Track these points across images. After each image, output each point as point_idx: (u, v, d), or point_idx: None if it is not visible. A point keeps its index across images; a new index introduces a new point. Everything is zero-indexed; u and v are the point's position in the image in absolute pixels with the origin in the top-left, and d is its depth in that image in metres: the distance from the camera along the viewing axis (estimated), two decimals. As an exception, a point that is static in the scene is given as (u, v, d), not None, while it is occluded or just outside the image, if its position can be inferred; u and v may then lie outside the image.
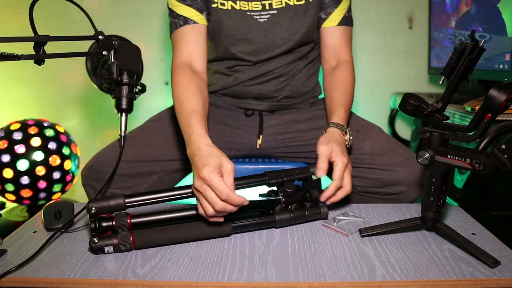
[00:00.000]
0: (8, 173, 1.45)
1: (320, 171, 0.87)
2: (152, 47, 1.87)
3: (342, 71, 1.14)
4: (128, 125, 0.92)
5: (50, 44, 0.74)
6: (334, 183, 0.87)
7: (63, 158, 1.53)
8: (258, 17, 1.09)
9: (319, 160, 0.88)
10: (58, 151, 1.52)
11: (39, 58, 0.74)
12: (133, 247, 0.75)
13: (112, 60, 0.87)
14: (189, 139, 0.87)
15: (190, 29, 1.07)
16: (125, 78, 0.89)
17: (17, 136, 1.48)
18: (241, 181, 0.83)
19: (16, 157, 1.45)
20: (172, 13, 1.09)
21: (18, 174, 1.45)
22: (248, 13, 1.08)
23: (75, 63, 1.85)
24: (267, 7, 1.09)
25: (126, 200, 0.76)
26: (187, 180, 1.22)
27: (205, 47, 1.10)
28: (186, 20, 1.07)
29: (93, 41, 0.87)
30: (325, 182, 0.93)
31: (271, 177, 0.85)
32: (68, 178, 1.57)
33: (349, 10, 1.17)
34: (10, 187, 1.46)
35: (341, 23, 1.15)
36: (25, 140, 1.48)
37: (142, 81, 0.94)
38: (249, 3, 1.08)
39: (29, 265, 0.70)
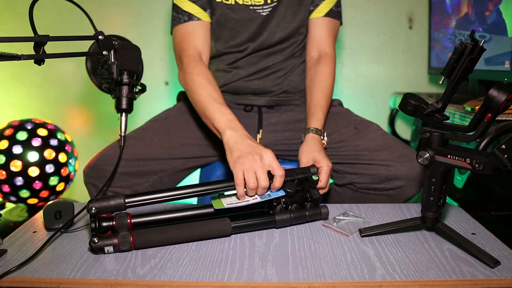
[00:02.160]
0: (2, 174, 1.45)
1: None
2: (152, 47, 1.87)
3: (323, 66, 1.16)
4: (128, 125, 0.92)
5: (50, 44, 0.74)
6: (320, 185, 0.95)
7: (58, 159, 1.52)
8: (261, 10, 1.13)
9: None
10: (56, 151, 1.52)
11: (39, 58, 0.74)
12: (133, 247, 0.75)
13: (112, 60, 0.87)
14: (233, 121, 0.95)
15: (196, 26, 1.12)
16: (125, 78, 0.89)
17: (16, 136, 1.48)
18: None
19: (13, 157, 1.45)
20: (176, 8, 1.12)
21: (13, 174, 1.45)
22: (251, 7, 1.12)
23: (75, 63, 1.86)
24: (268, 1, 1.12)
25: (126, 200, 0.76)
26: (187, 181, 1.22)
27: (210, 44, 1.15)
28: (190, 17, 1.11)
29: (93, 41, 0.87)
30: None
31: (271, 177, 0.85)
32: (67, 178, 1.57)
33: (337, 4, 1.19)
34: (6, 188, 1.46)
35: (328, 15, 1.17)
36: (24, 140, 1.47)
37: (142, 81, 0.94)
38: None
39: (29, 265, 0.70)
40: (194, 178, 1.37)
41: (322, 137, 1.06)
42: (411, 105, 0.75)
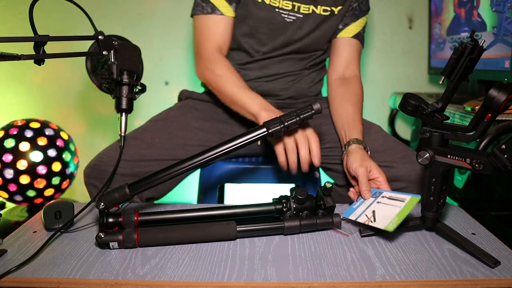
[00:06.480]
0: (9, 173, 1.45)
1: (367, 194, 0.89)
2: (151, 47, 1.87)
3: (356, 85, 1.17)
4: (128, 125, 0.92)
5: (50, 44, 0.74)
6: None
7: (63, 157, 1.53)
8: (286, 16, 1.13)
9: (362, 183, 0.91)
10: (57, 151, 1.52)
11: (39, 58, 0.74)
12: (137, 245, 0.76)
13: (112, 60, 0.87)
14: (264, 103, 1.01)
15: (218, 20, 1.12)
16: (125, 78, 0.89)
17: (17, 136, 1.48)
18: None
19: (17, 156, 1.45)
20: None
21: (18, 173, 1.46)
22: (277, 9, 1.13)
23: (75, 63, 1.86)
24: (295, 9, 1.13)
25: (130, 189, 0.78)
26: (187, 181, 1.22)
27: (230, 39, 1.17)
28: (214, 9, 1.12)
29: (93, 41, 0.87)
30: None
31: (269, 125, 0.84)
32: (69, 177, 1.57)
33: (363, 29, 1.21)
34: (12, 187, 1.47)
35: (356, 36, 1.20)
36: (24, 140, 1.47)
37: (142, 81, 0.94)
38: (280, 0, 1.12)
39: (29, 265, 0.70)
40: (194, 178, 1.37)
41: (364, 148, 1.00)
42: (411, 105, 0.75)
